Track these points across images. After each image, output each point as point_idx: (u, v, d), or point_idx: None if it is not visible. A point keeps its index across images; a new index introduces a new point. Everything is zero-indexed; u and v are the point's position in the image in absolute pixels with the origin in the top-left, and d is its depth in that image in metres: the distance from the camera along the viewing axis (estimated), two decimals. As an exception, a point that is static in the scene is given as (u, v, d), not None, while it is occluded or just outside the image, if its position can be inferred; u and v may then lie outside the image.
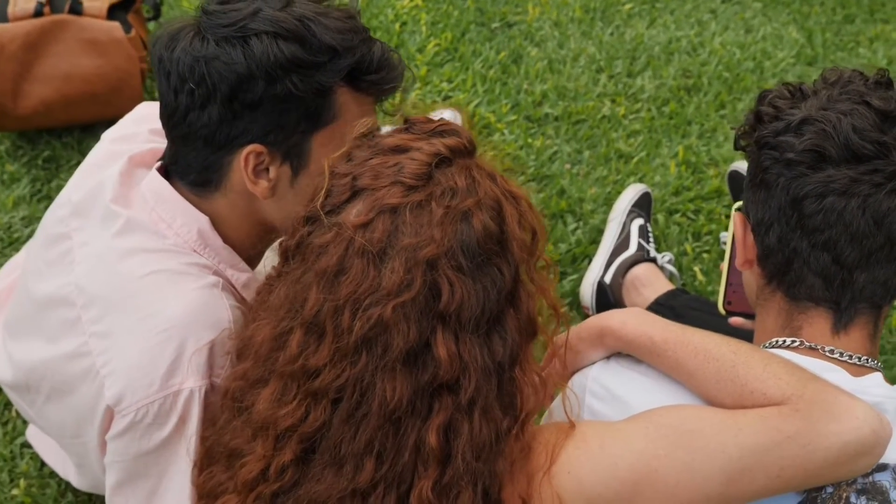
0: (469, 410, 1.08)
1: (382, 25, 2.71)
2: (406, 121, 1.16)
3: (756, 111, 1.21)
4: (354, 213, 1.07)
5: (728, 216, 2.27)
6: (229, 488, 1.16)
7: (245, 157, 1.26)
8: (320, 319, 1.07)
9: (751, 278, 1.27)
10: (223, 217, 1.33)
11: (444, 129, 1.14)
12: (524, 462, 1.11)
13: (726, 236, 2.16)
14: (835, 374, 1.13)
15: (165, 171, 1.36)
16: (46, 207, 2.27)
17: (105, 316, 1.28)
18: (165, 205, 1.32)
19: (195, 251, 1.32)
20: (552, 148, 2.42)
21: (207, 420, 1.25)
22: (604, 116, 2.48)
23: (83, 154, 2.35)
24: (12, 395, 1.54)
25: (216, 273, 1.32)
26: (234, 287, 1.34)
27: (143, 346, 1.24)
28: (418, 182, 1.07)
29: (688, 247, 2.21)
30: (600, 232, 2.21)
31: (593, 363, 1.25)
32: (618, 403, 1.18)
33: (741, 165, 2.23)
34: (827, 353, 1.16)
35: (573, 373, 1.25)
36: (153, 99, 2.48)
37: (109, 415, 1.27)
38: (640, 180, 2.33)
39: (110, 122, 2.39)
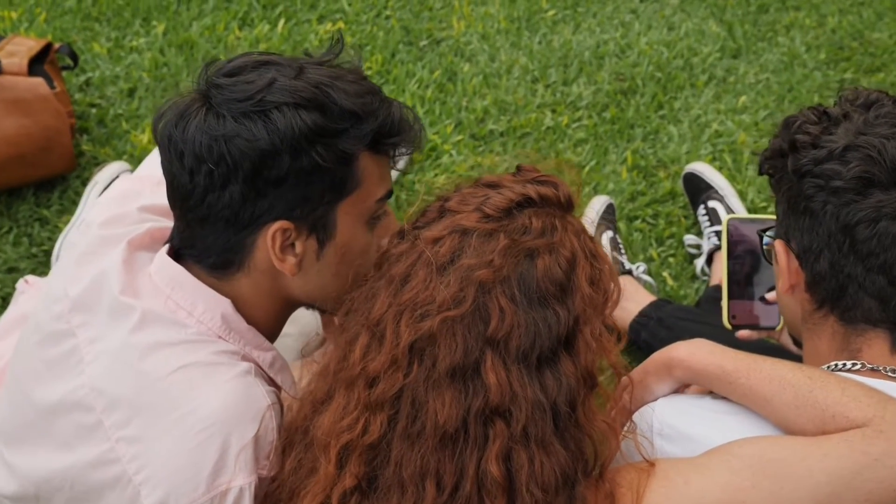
0: (525, 441, 1.08)
1: (308, 52, 2.63)
2: (517, 167, 1.22)
3: (791, 139, 1.22)
4: (433, 229, 1.14)
5: (687, 217, 2.30)
6: None
7: (272, 235, 1.20)
8: (383, 324, 1.11)
9: (792, 303, 1.28)
10: (245, 298, 1.26)
11: (544, 179, 1.19)
12: None
13: (691, 239, 2.20)
14: None
15: (175, 254, 1.27)
16: (-17, 282, 2.11)
17: (133, 419, 1.19)
18: (183, 292, 1.23)
19: (220, 337, 1.24)
20: (502, 164, 2.40)
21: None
22: (548, 128, 2.47)
23: (14, 220, 2.20)
24: (11, 506, 1.42)
25: (245, 358, 1.25)
26: (262, 369, 1.27)
27: (182, 448, 1.16)
28: (497, 214, 1.13)
29: (653, 252, 2.23)
30: (566, 246, 2.20)
31: (657, 399, 1.24)
32: (689, 442, 1.18)
33: (696, 167, 2.27)
34: (889, 374, 1.18)
35: (638, 408, 1.24)
36: (80, 154, 2.35)
37: (147, 522, 1.18)
38: (595, 190, 2.34)
39: (40, 183, 2.26)
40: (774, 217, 1.52)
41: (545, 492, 1.08)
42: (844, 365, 1.20)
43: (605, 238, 2.11)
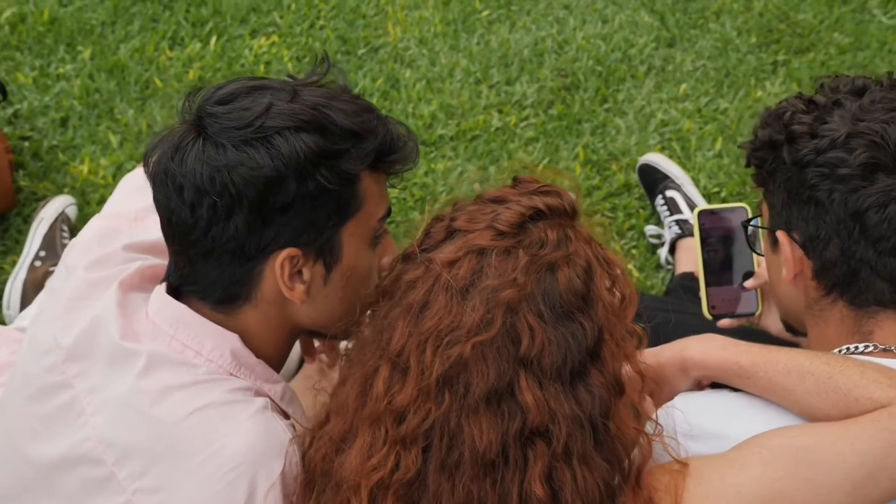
0: (567, 458, 1.06)
1: (245, 69, 2.57)
2: (515, 179, 1.19)
3: (787, 131, 1.22)
4: (445, 251, 1.10)
5: (644, 208, 2.33)
6: None
7: (280, 264, 1.16)
8: (405, 355, 1.07)
9: (794, 292, 1.29)
10: (253, 330, 1.21)
11: (547, 189, 1.16)
12: None
13: (652, 229, 2.22)
14: None
15: (174, 292, 1.22)
16: (-71, 335, 2.00)
17: (150, 468, 1.13)
18: (189, 331, 1.18)
19: (231, 374, 1.19)
20: (456, 169, 2.39)
21: None
22: (496, 129, 2.47)
23: (-46, 266, 2.09)
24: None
25: (258, 393, 1.20)
26: (275, 402, 1.23)
27: (208, 492, 1.11)
28: (510, 230, 1.10)
29: (616, 246, 2.25)
30: (530, 246, 2.20)
31: (675, 396, 1.24)
32: (715, 439, 1.18)
33: (650, 158, 2.29)
34: None
35: (657, 409, 1.24)
36: (18, 190, 2.24)
37: (172, 574, 1.13)
38: (550, 187, 2.34)
39: (-20, 225, 2.16)
40: (741, 204, 1.55)
41: None
42: (857, 348, 1.22)
43: None
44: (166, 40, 2.62)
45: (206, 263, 1.17)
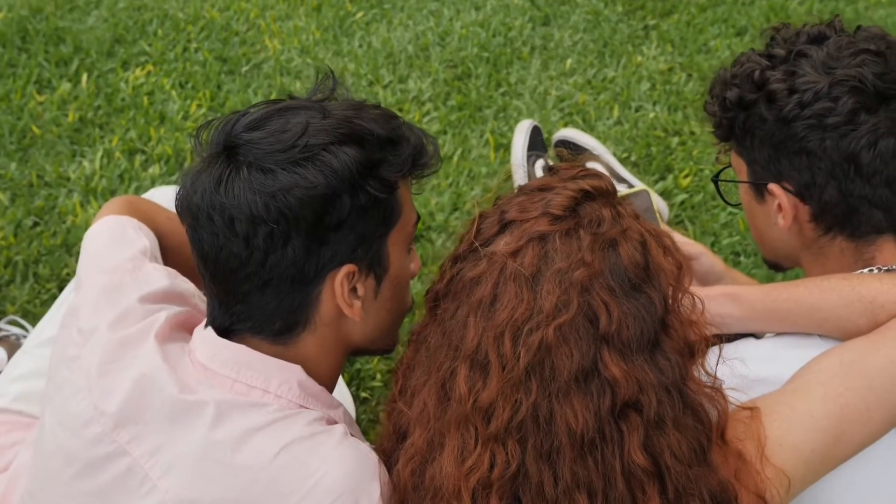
0: (660, 425, 1.08)
1: (127, 102, 2.44)
2: (551, 168, 1.19)
3: (766, 91, 1.27)
4: (503, 243, 1.09)
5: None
6: None
7: (341, 282, 1.11)
8: (483, 351, 1.06)
9: (787, 235, 1.35)
10: (312, 357, 1.16)
11: (587, 173, 1.17)
12: (743, 463, 1.14)
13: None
14: None
15: (222, 333, 1.15)
16: None
17: (243, 520, 1.07)
18: (252, 370, 1.12)
19: (302, 406, 1.14)
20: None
21: None
22: (402, 127, 2.45)
23: None
24: None
25: (329, 421, 1.15)
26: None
27: (313, 531, 1.06)
28: (565, 213, 1.10)
29: (547, 222, 2.29)
30: (467, 237, 2.21)
31: None
32: (763, 385, 1.21)
33: (565, 134, 2.34)
34: None
35: None
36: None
37: None
38: (469, 176, 2.36)
39: None
40: (642, 188, 1.62)
41: (689, 466, 1.09)
42: (861, 273, 1.31)
43: (538, 168, 2.13)
44: (32, 84, 2.45)
45: (262, 296, 1.10)
